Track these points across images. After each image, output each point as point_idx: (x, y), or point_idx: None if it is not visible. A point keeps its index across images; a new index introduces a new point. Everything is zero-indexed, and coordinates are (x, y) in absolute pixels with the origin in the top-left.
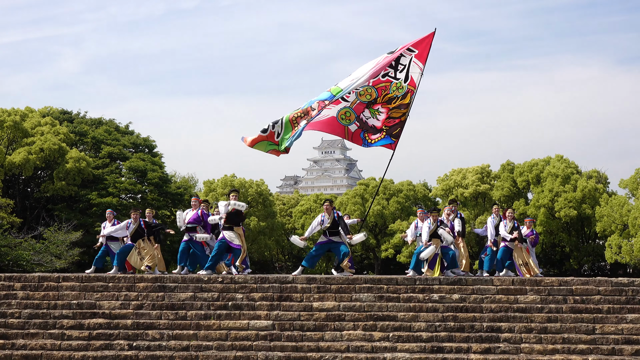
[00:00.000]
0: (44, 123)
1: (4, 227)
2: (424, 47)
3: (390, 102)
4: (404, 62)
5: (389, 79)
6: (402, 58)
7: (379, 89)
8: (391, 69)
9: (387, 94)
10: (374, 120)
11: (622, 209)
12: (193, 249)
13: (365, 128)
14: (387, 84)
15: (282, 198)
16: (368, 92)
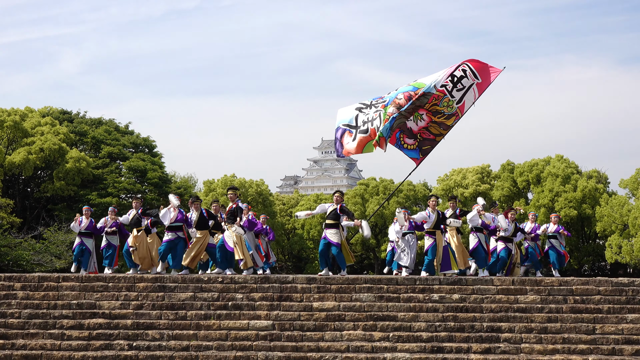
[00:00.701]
0: (44, 123)
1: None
2: (487, 79)
3: (435, 115)
4: (464, 84)
5: (445, 91)
6: (464, 79)
7: (431, 95)
8: (451, 83)
9: (436, 105)
10: (412, 123)
11: (622, 209)
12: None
13: (403, 128)
14: (440, 95)
15: (282, 198)
16: (421, 95)
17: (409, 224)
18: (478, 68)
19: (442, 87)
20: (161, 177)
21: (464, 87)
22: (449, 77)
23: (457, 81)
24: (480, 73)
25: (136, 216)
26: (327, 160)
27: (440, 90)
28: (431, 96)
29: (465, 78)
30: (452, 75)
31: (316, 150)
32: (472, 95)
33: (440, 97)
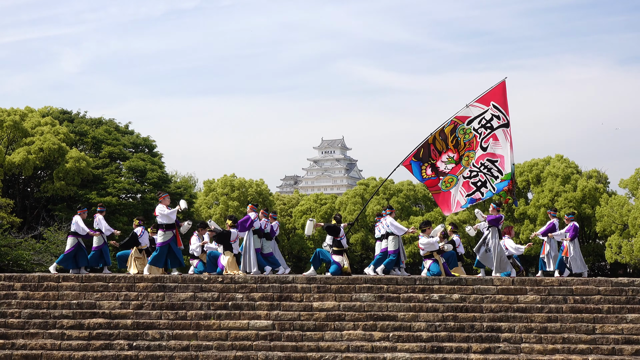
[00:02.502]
0: (44, 123)
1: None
2: (501, 101)
3: (457, 147)
4: (493, 125)
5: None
6: (493, 120)
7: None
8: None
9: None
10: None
11: (622, 208)
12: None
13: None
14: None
15: (282, 198)
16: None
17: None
18: (497, 100)
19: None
20: (161, 177)
21: (492, 127)
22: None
23: (484, 122)
24: (498, 103)
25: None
26: (327, 160)
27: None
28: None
29: (495, 119)
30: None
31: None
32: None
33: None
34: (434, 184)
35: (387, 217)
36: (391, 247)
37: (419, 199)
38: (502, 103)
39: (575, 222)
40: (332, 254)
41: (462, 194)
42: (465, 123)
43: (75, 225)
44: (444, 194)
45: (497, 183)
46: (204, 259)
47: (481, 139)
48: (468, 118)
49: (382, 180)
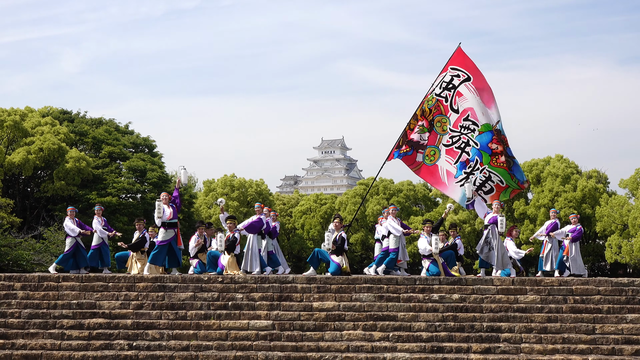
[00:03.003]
0: (44, 123)
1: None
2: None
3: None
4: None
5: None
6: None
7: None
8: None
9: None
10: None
11: (622, 209)
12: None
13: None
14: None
15: (282, 198)
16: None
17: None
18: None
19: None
20: (161, 177)
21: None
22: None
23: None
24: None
25: (139, 238)
26: (327, 160)
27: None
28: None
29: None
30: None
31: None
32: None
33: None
34: (411, 160)
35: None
36: (392, 245)
37: (419, 199)
38: (461, 64)
39: (580, 225)
40: (330, 254)
41: (449, 162)
42: (428, 96)
43: (66, 228)
44: (429, 168)
45: (477, 136)
46: (203, 259)
47: (450, 102)
48: (427, 95)
49: (381, 180)
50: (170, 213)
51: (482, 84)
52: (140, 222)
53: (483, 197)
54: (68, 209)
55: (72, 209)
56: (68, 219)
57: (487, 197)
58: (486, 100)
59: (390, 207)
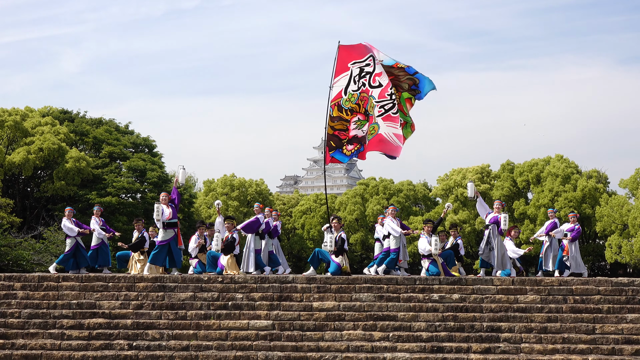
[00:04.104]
0: (44, 123)
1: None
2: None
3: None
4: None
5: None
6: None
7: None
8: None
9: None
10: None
11: (622, 208)
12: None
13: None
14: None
15: (282, 198)
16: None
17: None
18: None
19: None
20: (161, 177)
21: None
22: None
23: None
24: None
25: (139, 238)
26: None
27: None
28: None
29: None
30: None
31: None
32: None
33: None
34: (360, 148)
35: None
36: (393, 245)
37: (419, 199)
38: (357, 55)
39: (579, 224)
40: (331, 254)
41: (393, 127)
42: (344, 96)
43: (65, 228)
44: (374, 140)
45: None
46: (203, 259)
47: (369, 83)
48: (339, 95)
49: (381, 180)
50: (170, 213)
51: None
52: (139, 222)
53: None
54: (66, 210)
55: (70, 210)
56: (66, 219)
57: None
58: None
59: (390, 207)
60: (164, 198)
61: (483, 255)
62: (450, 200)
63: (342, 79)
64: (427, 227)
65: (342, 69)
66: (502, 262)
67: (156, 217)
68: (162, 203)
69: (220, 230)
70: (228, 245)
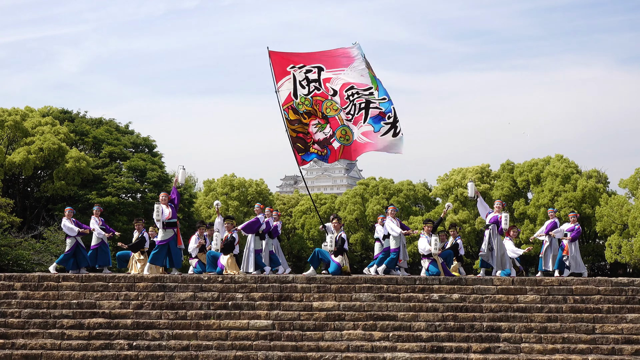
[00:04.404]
0: (44, 123)
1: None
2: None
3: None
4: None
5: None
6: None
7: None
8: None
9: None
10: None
11: (622, 208)
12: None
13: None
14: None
15: (282, 198)
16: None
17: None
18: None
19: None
20: (161, 177)
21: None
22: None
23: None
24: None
25: (139, 238)
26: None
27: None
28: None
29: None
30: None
31: None
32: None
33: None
34: (335, 153)
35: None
36: (392, 245)
37: (419, 198)
38: (295, 61)
39: (578, 224)
40: (331, 254)
41: (367, 127)
42: (295, 99)
43: (65, 228)
44: (352, 146)
45: (380, 93)
46: (203, 259)
47: (322, 89)
48: (289, 98)
49: (381, 180)
50: (169, 213)
51: (332, 59)
52: (139, 222)
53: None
54: (66, 209)
55: (70, 209)
56: (66, 219)
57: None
58: (346, 64)
59: (390, 207)
60: (164, 198)
61: (483, 255)
62: (450, 200)
63: (285, 82)
64: (427, 227)
65: (282, 73)
66: (502, 262)
67: (156, 217)
68: (162, 203)
69: (220, 230)
70: (227, 245)
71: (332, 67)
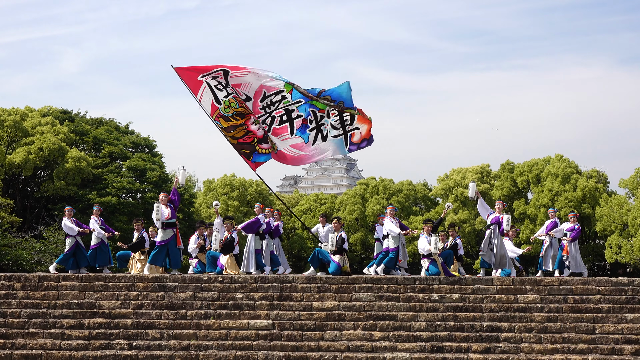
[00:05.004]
0: (44, 123)
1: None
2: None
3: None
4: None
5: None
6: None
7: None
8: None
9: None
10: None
11: (622, 208)
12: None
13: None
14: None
15: (282, 198)
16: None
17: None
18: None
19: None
20: (161, 177)
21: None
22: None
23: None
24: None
25: (139, 238)
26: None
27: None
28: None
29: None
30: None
31: None
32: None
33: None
34: (273, 150)
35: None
36: (392, 244)
37: (419, 198)
38: (203, 70)
39: (578, 224)
40: (331, 254)
41: (287, 138)
42: (220, 105)
43: (65, 227)
44: (279, 155)
45: (293, 96)
46: (203, 259)
47: (237, 95)
48: (214, 106)
49: (381, 180)
50: (169, 213)
51: (235, 66)
52: (138, 222)
53: (356, 128)
54: (66, 209)
55: (70, 209)
56: (66, 218)
57: (359, 125)
58: (249, 69)
59: (389, 207)
60: (163, 198)
61: (485, 256)
62: (450, 200)
63: (203, 93)
64: (427, 227)
65: (196, 84)
66: (501, 262)
67: (155, 217)
68: (161, 203)
69: (219, 230)
70: (227, 245)
71: (236, 69)
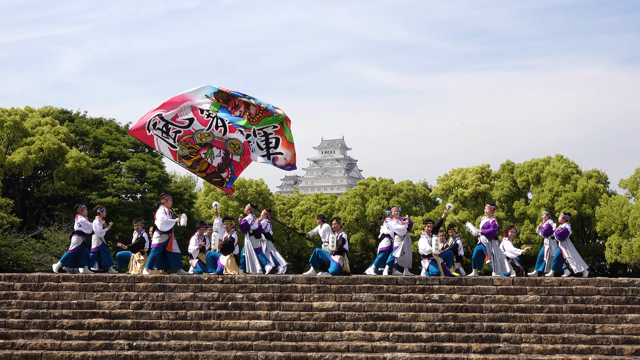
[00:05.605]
0: (44, 123)
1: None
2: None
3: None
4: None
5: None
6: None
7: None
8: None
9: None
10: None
11: (622, 209)
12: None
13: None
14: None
15: (282, 198)
16: None
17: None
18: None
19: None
20: (161, 177)
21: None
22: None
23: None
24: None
25: (139, 238)
26: (327, 160)
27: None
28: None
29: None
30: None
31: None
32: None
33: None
34: (236, 164)
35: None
36: (396, 244)
37: (419, 199)
38: (145, 123)
39: (567, 225)
40: (331, 254)
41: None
42: (176, 149)
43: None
44: (245, 154)
45: (221, 114)
46: (203, 259)
47: (177, 127)
48: (173, 152)
49: (381, 180)
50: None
51: (165, 107)
52: (138, 222)
53: (280, 153)
54: (80, 208)
55: (84, 207)
56: (83, 218)
57: (283, 151)
58: (175, 104)
59: (393, 208)
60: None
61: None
62: (450, 200)
63: (159, 143)
64: (427, 227)
65: (150, 139)
66: (501, 267)
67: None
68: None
69: (219, 230)
70: (227, 245)
71: (167, 105)
